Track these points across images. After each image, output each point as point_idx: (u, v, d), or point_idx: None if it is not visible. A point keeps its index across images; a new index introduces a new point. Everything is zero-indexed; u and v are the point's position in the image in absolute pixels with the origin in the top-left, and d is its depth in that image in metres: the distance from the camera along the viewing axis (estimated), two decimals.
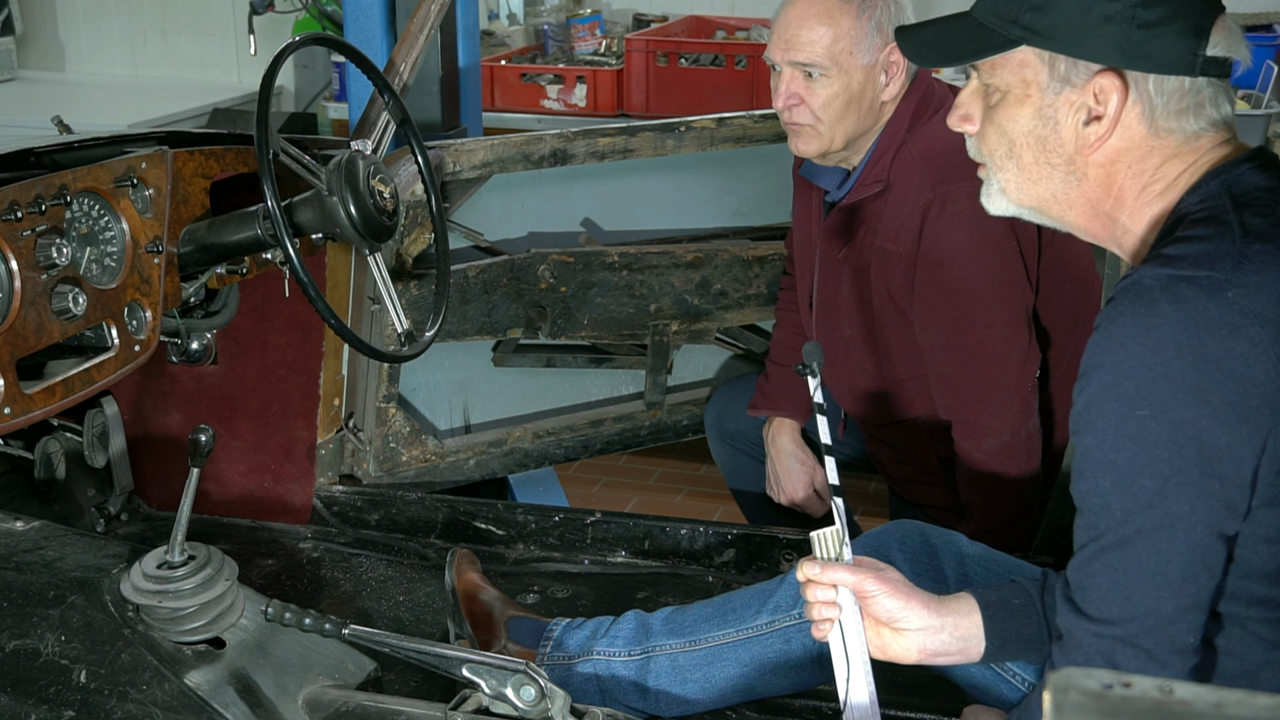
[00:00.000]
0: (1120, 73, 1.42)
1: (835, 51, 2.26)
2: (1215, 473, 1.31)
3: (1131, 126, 1.44)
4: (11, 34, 5.09)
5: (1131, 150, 1.45)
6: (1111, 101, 1.43)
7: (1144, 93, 1.42)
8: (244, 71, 5.08)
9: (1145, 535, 1.34)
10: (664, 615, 2.06)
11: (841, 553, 1.61)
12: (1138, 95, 1.42)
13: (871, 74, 2.29)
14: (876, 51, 2.28)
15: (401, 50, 2.60)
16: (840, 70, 2.27)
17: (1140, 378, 1.32)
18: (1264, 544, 1.36)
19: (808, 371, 1.64)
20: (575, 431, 2.96)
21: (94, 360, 2.05)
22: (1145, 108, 1.43)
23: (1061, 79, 1.45)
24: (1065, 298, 2.40)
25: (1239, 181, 1.41)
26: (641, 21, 4.59)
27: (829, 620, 1.61)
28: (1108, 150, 1.45)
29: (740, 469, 2.80)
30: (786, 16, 2.30)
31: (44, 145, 2.19)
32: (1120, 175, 1.46)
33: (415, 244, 2.58)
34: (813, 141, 2.33)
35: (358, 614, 2.38)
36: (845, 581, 1.59)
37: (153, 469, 2.70)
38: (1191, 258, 1.34)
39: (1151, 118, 1.43)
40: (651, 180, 2.96)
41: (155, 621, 1.70)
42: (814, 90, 2.28)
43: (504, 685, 1.60)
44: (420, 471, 2.77)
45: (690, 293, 2.87)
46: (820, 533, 1.61)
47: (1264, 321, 1.31)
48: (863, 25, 2.26)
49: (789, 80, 2.30)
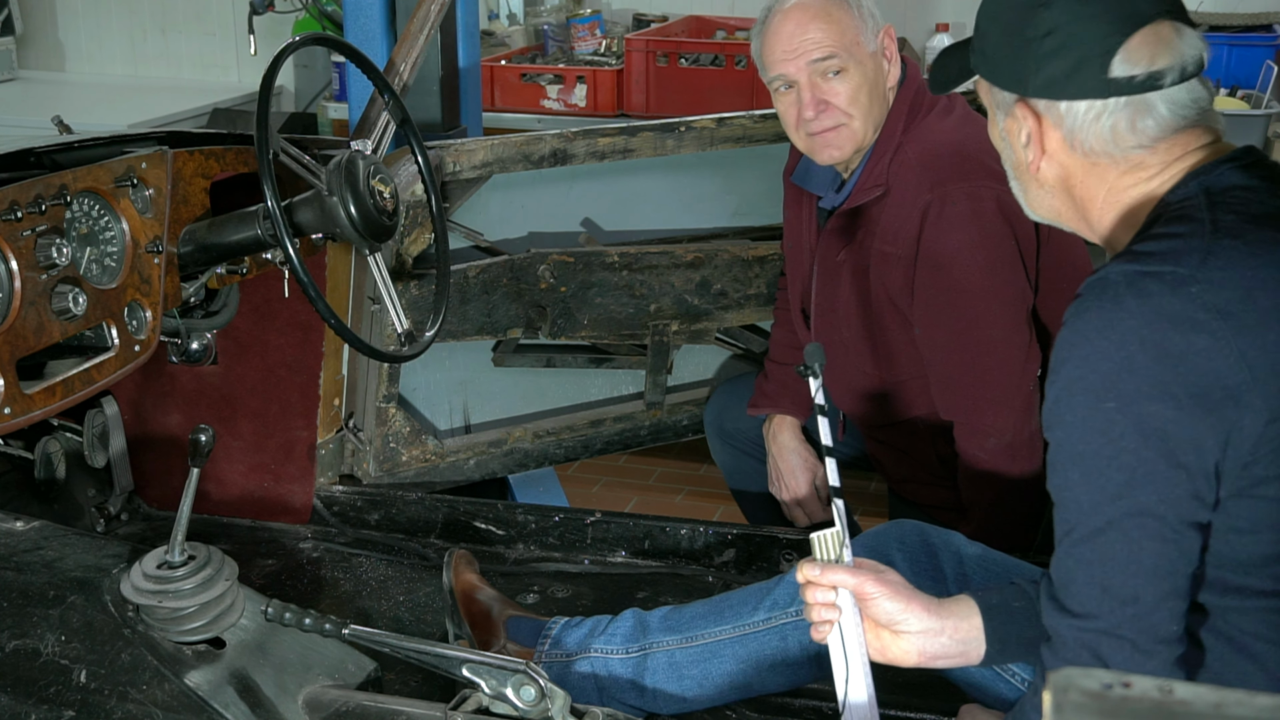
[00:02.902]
0: (1028, 103, 1.48)
1: (846, 45, 2.27)
2: (1180, 464, 1.33)
3: (1058, 150, 1.48)
4: (11, 34, 5.09)
5: (1074, 169, 1.49)
6: (1028, 129, 1.49)
7: (1057, 118, 1.46)
8: (244, 71, 5.08)
9: (1116, 526, 1.35)
10: (662, 613, 2.06)
11: (841, 554, 1.61)
12: (1053, 121, 1.47)
13: (878, 60, 2.31)
14: (875, 37, 2.31)
15: (401, 50, 2.61)
16: (856, 61, 2.28)
17: (1105, 371, 1.34)
18: (1235, 534, 1.37)
19: (809, 373, 1.64)
20: (575, 431, 2.96)
21: (94, 360, 2.05)
22: (1064, 132, 1.46)
23: (1000, 107, 1.52)
24: (1064, 296, 2.38)
25: (1218, 181, 1.43)
26: (641, 21, 4.59)
27: (828, 622, 1.61)
28: (1053, 169, 1.50)
29: (740, 468, 2.80)
30: (784, 29, 2.29)
31: (44, 145, 2.19)
32: (1077, 190, 1.50)
33: (415, 244, 2.58)
34: (847, 142, 2.31)
35: (358, 614, 2.38)
36: (845, 583, 1.59)
37: (153, 469, 2.70)
38: (1158, 254, 1.37)
39: (1073, 140, 1.46)
40: (651, 180, 2.96)
41: (155, 621, 1.71)
42: (837, 88, 2.28)
43: (504, 685, 1.60)
44: (420, 471, 2.77)
45: (690, 293, 2.87)
46: (820, 534, 1.61)
47: (1226, 316, 1.32)
48: (859, 14, 2.29)
49: (810, 88, 2.28)
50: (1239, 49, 3.69)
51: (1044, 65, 1.44)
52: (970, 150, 2.27)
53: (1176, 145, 1.45)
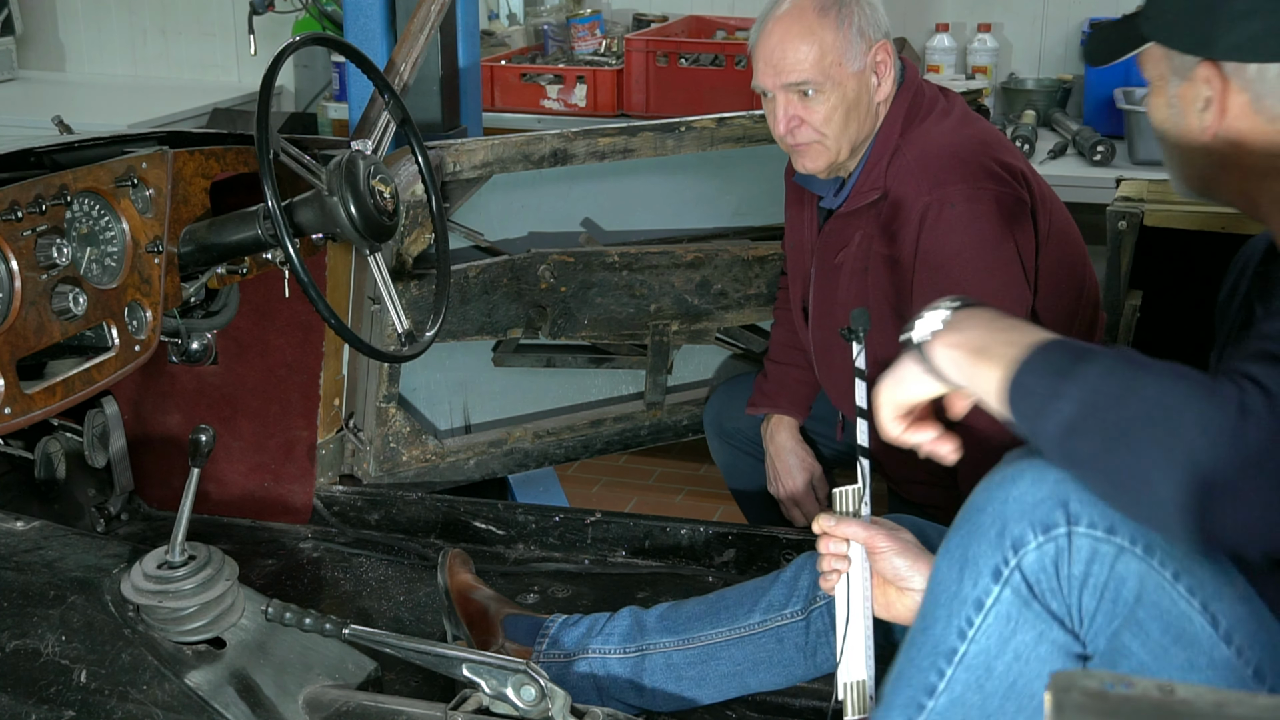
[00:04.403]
0: (1216, 64, 1.44)
1: (825, 65, 2.26)
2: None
3: (1240, 115, 1.45)
4: (11, 34, 5.09)
5: (1253, 136, 1.45)
6: (1209, 93, 1.45)
7: (1246, 82, 1.43)
8: (244, 71, 5.08)
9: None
10: (658, 612, 2.07)
11: (859, 510, 1.66)
12: (1240, 85, 1.43)
13: (862, 79, 2.28)
14: (863, 56, 2.27)
15: (401, 50, 2.61)
16: (833, 83, 2.26)
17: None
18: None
19: (853, 337, 1.66)
20: (575, 431, 2.96)
21: (94, 360, 2.05)
22: (1251, 95, 1.43)
23: (1176, 72, 1.48)
24: (1063, 297, 2.40)
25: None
26: (641, 21, 4.59)
27: (837, 572, 1.65)
28: (1229, 136, 1.47)
29: (739, 468, 2.81)
30: (769, 42, 2.29)
31: (44, 145, 2.19)
32: (1249, 158, 1.47)
33: (415, 244, 2.58)
34: (820, 157, 2.33)
35: (358, 614, 2.38)
36: (857, 536, 1.64)
37: (153, 469, 2.70)
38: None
39: (1260, 105, 1.43)
40: (651, 180, 2.96)
41: (155, 621, 1.71)
42: (812, 108, 2.28)
43: (504, 685, 1.60)
44: (420, 471, 2.77)
45: (690, 293, 2.87)
46: (842, 489, 1.67)
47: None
48: (845, 35, 2.26)
49: (785, 104, 2.30)
50: None
51: (1236, 25, 1.41)
52: (969, 152, 2.27)
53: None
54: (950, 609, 1.47)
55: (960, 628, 1.46)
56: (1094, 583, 1.39)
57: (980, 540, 1.44)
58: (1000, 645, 1.44)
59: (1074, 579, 1.40)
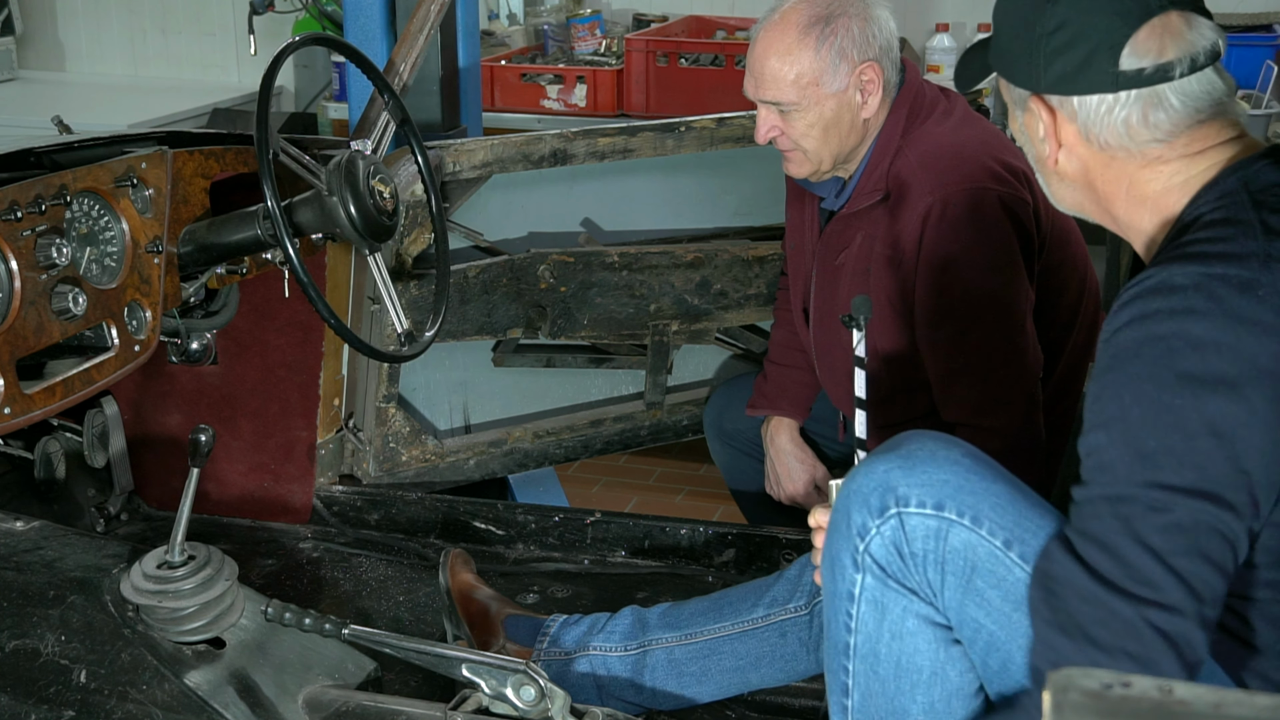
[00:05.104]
0: (1040, 97, 1.48)
1: (800, 86, 2.25)
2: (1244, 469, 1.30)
3: (1075, 144, 1.48)
4: (11, 34, 5.09)
5: (1092, 163, 1.48)
6: (1044, 124, 1.49)
7: (1071, 113, 1.46)
8: (244, 71, 5.08)
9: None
10: (660, 610, 2.07)
11: None
12: (1067, 116, 1.47)
13: (844, 98, 2.27)
14: (845, 77, 2.26)
15: (401, 50, 2.61)
16: (810, 102, 2.26)
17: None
18: None
19: (854, 324, 1.66)
20: (575, 431, 2.96)
21: (94, 360, 2.06)
22: (1078, 126, 1.46)
23: (1017, 103, 1.53)
24: (1064, 297, 2.40)
25: (1256, 178, 1.41)
26: (641, 21, 4.59)
27: None
28: (1073, 163, 1.50)
29: (739, 468, 2.80)
30: (754, 52, 2.31)
31: (44, 145, 2.19)
32: (1098, 183, 1.50)
33: (415, 244, 2.58)
34: (802, 166, 2.35)
35: (358, 614, 2.38)
36: None
37: (153, 469, 2.70)
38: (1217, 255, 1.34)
39: (1088, 135, 1.46)
40: (651, 180, 2.96)
41: (155, 621, 1.71)
42: (789, 122, 2.30)
43: (504, 685, 1.61)
44: (420, 471, 2.77)
45: (690, 293, 2.87)
46: (839, 481, 1.66)
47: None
48: (824, 57, 2.24)
49: (764, 114, 2.32)
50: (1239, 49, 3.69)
51: (1054, 61, 1.44)
52: (970, 152, 2.27)
53: (1196, 139, 1.44)
54: (835, 607, 1.56)
55: (845, 622, 1.55)
56: (934, 558, 1.48)
57: (837, 536, 1.53)
58: (877, 628, 1.53)
59: (916, 556, 1.49)
